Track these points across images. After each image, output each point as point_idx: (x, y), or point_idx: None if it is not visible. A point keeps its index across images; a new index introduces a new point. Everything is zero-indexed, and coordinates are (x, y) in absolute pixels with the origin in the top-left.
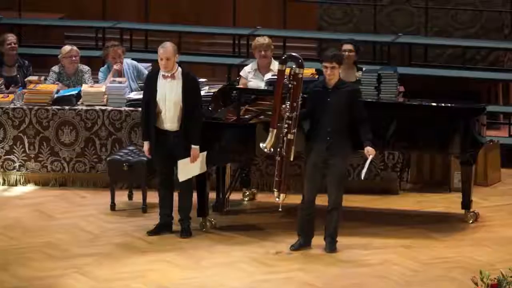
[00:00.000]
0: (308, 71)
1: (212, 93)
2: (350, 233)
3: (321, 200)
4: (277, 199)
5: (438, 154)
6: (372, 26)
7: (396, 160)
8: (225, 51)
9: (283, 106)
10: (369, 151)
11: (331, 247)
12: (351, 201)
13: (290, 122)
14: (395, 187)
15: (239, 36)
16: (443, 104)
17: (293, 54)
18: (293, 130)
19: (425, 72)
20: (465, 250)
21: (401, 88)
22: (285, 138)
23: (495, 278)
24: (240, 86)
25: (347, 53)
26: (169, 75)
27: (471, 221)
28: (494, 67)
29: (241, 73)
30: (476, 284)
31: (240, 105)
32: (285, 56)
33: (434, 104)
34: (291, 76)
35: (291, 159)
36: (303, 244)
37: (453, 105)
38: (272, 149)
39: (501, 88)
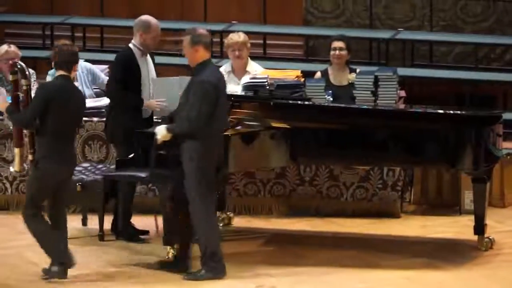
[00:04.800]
0: (292, 74)
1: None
2: (344, 263)
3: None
4: None
5: (446, 170)
6: (368, 20)
7: (397, 177)
8: None
9: None
10: None
11: None
12: (344, 225)
13: (27, 140)
14: (396, 209)
15: (211, 32)
16: (451, 111)
17: (20, 63)
18: (31, 150)
19: (430, 74)
20: (478, 284)
21: (402, 93)
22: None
23: None
24: None
25: (337, 51)
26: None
27: (484, 249)
28: (511, 67)
29: None
30: None
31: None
32: (16, 65)
33: (440, 111)
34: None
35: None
36: None
37: (463, 112)
38: (23, 170)
39: None
